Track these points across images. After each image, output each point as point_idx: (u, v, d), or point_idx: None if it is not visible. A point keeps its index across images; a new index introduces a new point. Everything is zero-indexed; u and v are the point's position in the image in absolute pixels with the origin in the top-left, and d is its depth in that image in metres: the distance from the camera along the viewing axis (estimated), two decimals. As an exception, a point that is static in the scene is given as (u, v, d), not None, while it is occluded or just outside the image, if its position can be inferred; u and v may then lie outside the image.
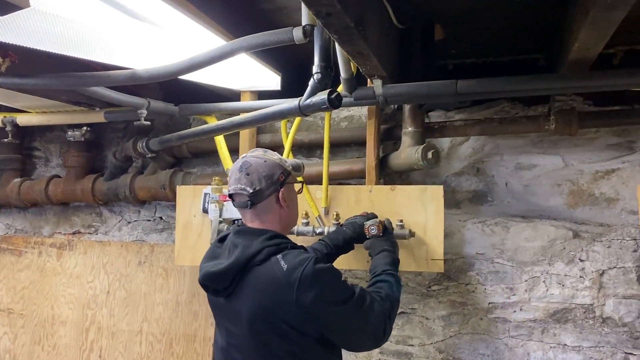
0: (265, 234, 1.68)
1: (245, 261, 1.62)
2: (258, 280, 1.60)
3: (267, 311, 1.59)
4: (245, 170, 1.70)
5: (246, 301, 1.61)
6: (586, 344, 2.35)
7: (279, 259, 1.60)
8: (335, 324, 1.61)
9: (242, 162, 1.74)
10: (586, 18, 1.54)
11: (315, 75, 1.84)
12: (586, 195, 2.48)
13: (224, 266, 1.63)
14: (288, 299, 1.55)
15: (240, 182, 1.70)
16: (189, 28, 1.82)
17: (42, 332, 3.19)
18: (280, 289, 1.56)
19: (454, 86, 2.03)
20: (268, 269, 1.60)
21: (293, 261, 1.59)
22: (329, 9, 1.36)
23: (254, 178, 1.69)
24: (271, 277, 1.58)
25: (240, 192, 1.71)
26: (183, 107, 2.66)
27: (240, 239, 1.69)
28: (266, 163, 1.73)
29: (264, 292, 1.59)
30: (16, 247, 3.36)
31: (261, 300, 1.59)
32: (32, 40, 1.63)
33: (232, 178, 1.74)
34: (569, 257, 2.39)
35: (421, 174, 2.68)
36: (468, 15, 2.15)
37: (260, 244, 1.63)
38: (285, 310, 1.57)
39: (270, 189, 1.71)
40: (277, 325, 1.58)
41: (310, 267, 1.57)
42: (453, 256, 2.52)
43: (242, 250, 1.64)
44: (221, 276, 1.64)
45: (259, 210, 1.73)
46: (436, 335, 2.55)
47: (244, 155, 1.79)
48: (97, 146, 3.29)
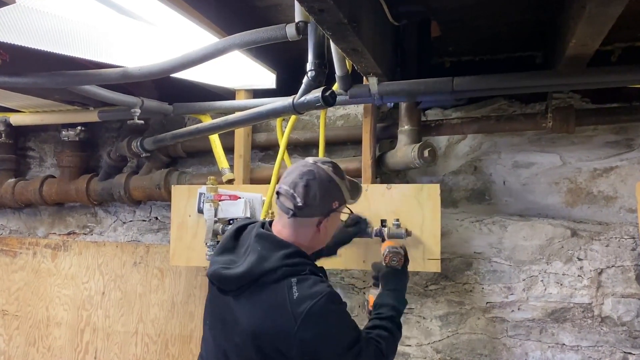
0: (287, 248, 1.57)
1: (258, 275, 1.53)
2: (266, 298, 1.52)
3: (263, 332, 1.51)
4: (307, 179, 1.56)
5: (249, 313, 1.54)
6: (585, 344, 2.33)
7: (292, 284, 1.50)
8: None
9: (308, 168, 1.59)
10: (583, 13, 1.52)
11: (309, 73, 1.82)
12: (584, 193, 2.46)
13: (235, 273, 1.55)
14: (288, 329, 1.46)
15: (294, 188, 1.56)
16: (181, 26, 1.80)
17: (37, 333, 3.17)
18: (284, 316, 1.47)
19: (450, 83, 2.01)
20: (279, 291, 1.50)
21: (306, 291, 1.49)
22: (322, 4, 1.33)
23: (309, 193, 1.56)
24: (279, 301, 1.49)
25: (289, 197, 1.58)
26: (177, 106, 2.64)
27: (260, 246, 1.59)
28: (330, 184, 1.60)
29: (267, 312, 1.51)
30: (11, 248, 3.33)
31: (262, 319, 1.51)
32: (22, 38, 1.60)
33: (288, 176, 1.60)
34: (567, 256, 2.37)
35: (418, 173, 2.66)
36: (464, 12, 2.13)
37: (278, 261, 1.53)
38: (281, 338, 1.48)
39: (318, 211, 1.60)
40: (268, 349, 1.51)
41: (322, 303, 1.47)
42: (450, 255, 2.50)
43: (258, 262, 1.54)
44: (231, 282, 1.57)
45: (296, 223, 1.60)
46: (433, 335, 2.52)
47: (316, 160, 1.64)
48: (92, 146, 3.27)
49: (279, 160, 2.42)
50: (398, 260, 1.88)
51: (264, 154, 2.92)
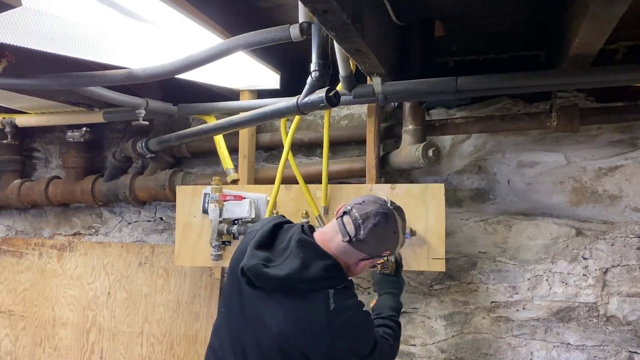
0: (329, 260, 1.58)
1: (298, 282, 1.55)
2: (302, 305, 1.54)
3: (293, 338, 1.52)
4: (379, 220, 1.57)
5: (279, 316, 1.55)
6: (590, 343, 2.33)
7: (329, 295, 1.53)
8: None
9: (386, 211, 1.60)
10: (586, 13, 1.52)
11: (313, 73, 1.82)
12: (589, 192, 2.45)
13: (276, 274, 1.54)
14: (322, 339, 1.50)
15: (363, 221, 1.57)
16: (185, 26, 1.81)
17: (43, 333, 3.18)
18: (319, 326, 1.51)
19: (454, 83, 2.01)
20: (316, 300, 1.53)
21: (342, 304, 1.53)
22: (325, 5, 1.34)
23: (374, 234, 1.57)
24: (316, 311, 1.52)
25: (353, 225, 1.58)
26: (182, 107, 2.64)
27: (302, 252, 1.58)
28: (393, 236, 1.62)
29: (302, 320, 1.53)
30: (17, 248, 3.35)
31: (295, 325, 1.53)
32: (27, 40, 1.61)
33: (365, 205, 1.60)
34: (572, 256, 2.36)
35: (422, 173, 2.66)
36: (468, 12, 2.13)
37: (319, 272, 1.55)
38: (312, 346, 1.51)
39: (369, 251, 1.61)
40: (294, 355, 1.53)
41: (356, 316, 1.55)
42: (455, 255, 2.50)
43: (300, 269, 1.54)
44: (269, 281, 1.56)
45: (346, 248, 1.60)
46: (438, 335, 2.53)
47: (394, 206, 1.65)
48: (97, 147, 3.28)
49: (283, 160, 2.42)
50: (389, 268, 1.99)
51: (268, 154, 2.93)
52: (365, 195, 1.76)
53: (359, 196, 1.70)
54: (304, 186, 2.43)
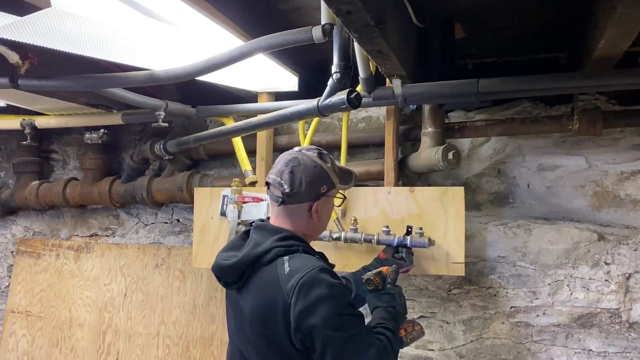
0: (280, 233, 1.61)
1: (254, 259, 1.57)
2: (262, 280, 1.56)
3: (263, 313, 1.53)
4: (292, 166, 1.60)
5: (249, 299, 1.58)
6: (612, 350, 2.29)
7: (284, 261, 1.53)
8: (321, 346, 1.45)
9: (292, 156, 1.63)
10: (613, 14, 1.50)
11: (334, 75, 1.82)
12: (611, 196, 2.42)
13: (232, 261, 1.60)
14: (282, 303, 1.47)
15: (280, 176, 1.61)
16: (205, 28, 1.81)
17: (60, 334, 3.20)
18: (278, 291, 1.49)
19: (475, 85, 1.99)
20: (272, 270, 1.54)
21: (297, 265, 1.51)
22: (350, 7, 1.34)
23: (295, 179, 1.59)
24: (272, 279, 1.52)
25: (276, 186, 1.62)
26: (200, 109, 2.65)
27: (256, 235, 1.64)
28: (315, 169, 1.62)
29: (264, 293, 1.54)
30: (34, 249, 3.37)
31: (260, 301, 1.54)
32: (51, 41, 1.62)
33: (275, 167, 1.65)
34: (594, 260, 2.33)
35: (441, 176, 2.63)
36: (488, 14, 2.11)
37: (271, 244, 1.58)
38: (279, 315, 1.48)
39: (307, 196, 1.62)
40: (269, 328, 1.52)
41: (313, 274, 1.47)
42: (474, 259, 2.47)
43: (252, 247, 1.60)
44: (229, 270, 1.61)
45: (288, 211, 1.64)
46: (457, 340, 2.50)
47: (297, 150, 1.68)
48: (114, 148, 3.30)
49: (302, 162, 2.41)
50: (374, 281, 1.79)
51: (285, 157, 2.92)
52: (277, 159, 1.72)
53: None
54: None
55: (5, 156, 3.59)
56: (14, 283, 3.35)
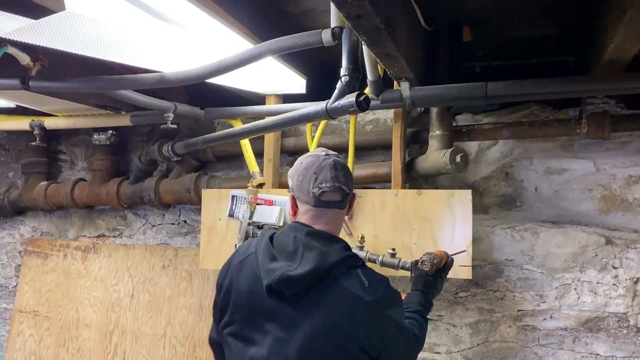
0: (341, 242, 1.57)
1: (327, 269, 1.49)
2: (337, 292, 1.49)
3: (340, 325, 1.47)
4: (340, 168, 1.58)
5: (318, 312, 1.48)
6: (620, 354, 2.28)
7: (359, 275, 1.51)
8: (393, 348, 1.54)
9: (333, 160, 1.59)
10: (623, 18, 1.50)
11: (343, 78, 1.82)
12: (619, 200, 2.41)
13: (303, 271, 1.47)
14: (365, 316, 1.47)
15: (338, 181, 1.55)
16: (215, 30, 1.82)
17: (67, 334, 3.21)
18: (361, 306, 1.47)
19: (483, 88, 2.00)
20: (349, 283, 1.49)
21: (373, 279, 1.52)
22: (360, 10, 1.34)
23: (349, 179, 1.60)
24: (350, 292, 1.48)
25: (337, 191, 1.56)
26: (209, 111, 2.66)
27: (317, 242, 1.53)
28: (345, 165, 1.64)
29: (341, 306, 1.48)
30: (42, 249, 3.39)
31: (337, 314, 1.48)
32: (62, 43, 1.64)
33: (322, 175, 1.55)
34: (602, 264, 2.32)
35: (448, 179, 2.63)
36: (497, 17, 2.11)
37: (340, 253, 1.52)
38: (358, 326, 1.47)
39: (352, 193, 1.63)
40: (345, 342, 1.47)
41: (389, 287, 1.54)
42: (481, 262, 2.47)
43: (322, 257, 1.49)
44: (300, 281, 1.48)
45: (340, 214, 1.62)
46: (463, 343, 2.50)
47: (327, 154, 1.62)
48: (122, 150, 3.31)
49: (309, 165, 2.42)
50: (429, 266, 1.93)
51: (292, 159, 2.93)
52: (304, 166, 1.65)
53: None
54: (329, 191, 2.42)
55: (14, 157, 3.61)
56: (21, 283, 3.37)
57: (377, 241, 2.35)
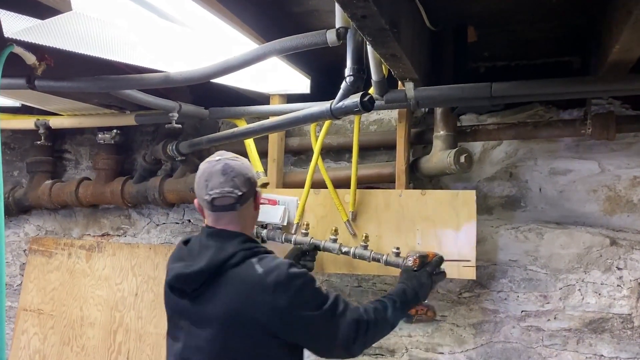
0: (239, 237, 1.70)
1: (220, 263, 1.63)
2: (232, 283, 1.62)
3: (240, 313, 1.60)
4: (230, 173, 1.71)
5: (218, 304, 1.62)
6: (624, 355, 2.28)
7: (254, 263, 1.62)
8: (307, 328, 1.63)
9: (222, 165, 1.73)
10: (629, 19, 1.49)
11: (347, 78, 1.82)
12: (624, 201, 2.41)
13: (197, 267, 1.64)
14: (264, 302, 1.57)
15: (226, 186, 1.70)
16: (219, 30, 1.82)
17: (71, 333, 3.22)
18: (256, 292, 1.58)
19: (488, 89, 1.99)
20: (243, 272, 1.62)
21: (269, 265, 1.62)
22: (365, 11, 1.34)
23: (240, 181, 1.72)
24: (247, 280, 1.60)
25: (227, 195, 1.70)
26: (213, 111, 2.67)
27: (213, 241, 1.70)
28: (244, 165, 1.77)
29: (238, 294, 1.61)
30: (46, 248, 3.40)
31: (235, 302, 1.61)
32: (68, 43, 1.64)
33: (212, 181, 1.71)
34: (606, 265, 2.32)
35: (451, 179, 2.63)
36: (501, 17, 2.11)
37: (235, 247, 1.66)
38: (259, 312, 1.58)
39: (251, 191, 1.76)
40: (249, 328, 1.59)
41: (285, 271, 1.61)
42: (485, 263, 2.47)
43: (216, 253, 1.65)
44: (194, 278, 1.64)
45: (241, 214, 1.74)
46: (467, 344, 2.50)
47: (218, 159, 1.77)
48: (127, 149, 3.32)
49: (313, 164, 2.43)
50: (412, 261, 2.01)
51: (297, 159, 2.93)
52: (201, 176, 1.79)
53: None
54: (333, 191, 2.42)
55: (19, 155, 3.62)
56: (26, 281, 3.38)
57: (380, 241, 2.35)
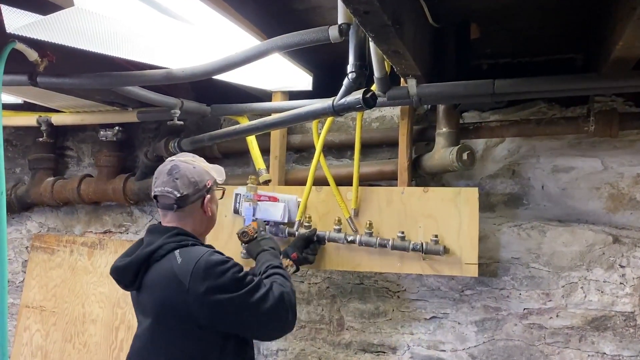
0: (170, 231, 1.77)
1: (146, 257, 1.71)
2: (157, 275, 1.69)
3: (165, 305, 1.66)
4: (174, 174, 1.78)
5: (149, 296, 1.71)
6: (626, 353, 2.27)
7: (176, 255, 1.68)
8: (232, 313, 1.65)
9: (170, 165, 1.81)
10: (632, 15, 1.48)
11: (349, 75, 1.82)
12: (627, 199, 2.40)
13: (126, 261, 1.74)
14: (182, 292, 1.62)
15: (167, 185, 1.77)
16: (222, 26, 1.82)
17: (73, 329, 3.23)
18: (175, 282, 1.63)
19: (491, 86, 1.99)
20: (165, 264, 1.68)
21: (188, 255, 1.67)
22: (367, 7, 1.34)
23: (182, 183, 1.77)
24: (167, 272, 1.67)
25: (166, 195, 1.78)
26: (215, 107, 2.66)
27: (148, 237, 1.79)
28: (195, 169, 1.83)
29: (161, 286, 1.68)
30: (49, 245, 3.40)
31: (160, 295, 1.68)
32: (71, 39, 1.64)
33: (158, 180, 1.81)
34: (609, 263, 2.31)
35: (454, 176, 2.63)
36: (504, 14, 2.10)
37: (161, 241, 1.72)
38: (180, 303, 1.63)
39: (197, 195, 1.81)
40: (176, 319, 1.65)
41: (204, 259, 1.65)
42: (487, 260, 2.46)
43: (145, 247, 1.74)
44: (123, 271, 1.75)
45: (183, 214, 1.81)
46: (469, 341, 2.49)
47: (172, 159, 1.86)
48: (129, 146, 3.32)
49: (315, 161, 2.43)
50: (249, 232, 2.13)
51: (299, 156, 2.93)
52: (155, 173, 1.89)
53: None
54: (335, 188, 2.42)
55: (21, 152, 3.62)
56: (28, 278, 3.39)
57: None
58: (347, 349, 2.67)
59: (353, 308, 2.68)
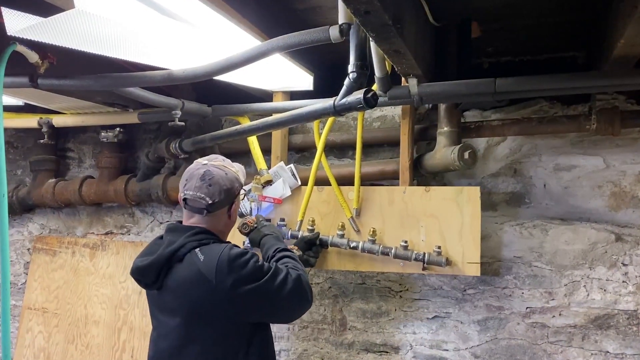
0: (192, 229, 1.77)
1: (168, 256, 1.71)
2: (182, 275, 1.70)
3: (195, 304, 1.68)
4: (208, 180, 1.77)
5: (176, 296, 1.72)
6: (630, 352, 2.27)
7: (197, 252, 1.69)
8: (259, 301, 1.69)
9: (204, 170, 1.80)
10: (634, 13, 1.48)
11: (350, 75, 1.81)
12: (629, 197, 2.40)
13: (148, 261, 1.73)
14: (210, 289, 1.64)
15: (200, 191, 1.77)
16: (222, 27, 1.82)
17: (76, 331, 3.23)
18: (202, 281, 1.65)
19: (492, 85, 1.98)
20: (188, 262, 1.70)
21: (210, 252, 1.69)
22: (368, 6, 1.34)
23: (214, 190, 1.77)
24: (192, 271, 1.68)
25: (198, 200, 1.77)
26: (216, 108, 2.66)
27: (169, 236, 1.79)
28: (227, 176, 1.82)
29: (189, 286, 1.68)
30: (50, 247, 3.40)
31: (188, 294, 1.68)
32: (71, 41, 1.64)
33: (189, 183, 1.79)
34: (611, 261, 2.31)
35: (455, 175, 2.62)
36: (505, 12, 2.10)
37: (183, 240, 1.73)
38: (210, 300, 1.66)
39: (227, 201, 1.82)
40: (206, 316, 1.68)
41: (226, 253, 1.67)
42: (489, 259, 2.46)
43: (166, 246, 1.74)
44: (145, 271, 1.75)
45: (209, 217, 1.81)
46: (471, 340, 2.49)
47: (205, 163, 1.84)
48: (130, 147, 3.32)
49: (317, 161, 2.43)
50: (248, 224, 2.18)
51: (300, 156, 2.93)
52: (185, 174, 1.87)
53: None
54: (337, 188, 2.42)
55: (22, 154, 3.62)
56: (30, 280, 3.39)
57: (384, 238, 2.35)
58: (350, 349, 2.67)
59: (355, 308, 2.68)
